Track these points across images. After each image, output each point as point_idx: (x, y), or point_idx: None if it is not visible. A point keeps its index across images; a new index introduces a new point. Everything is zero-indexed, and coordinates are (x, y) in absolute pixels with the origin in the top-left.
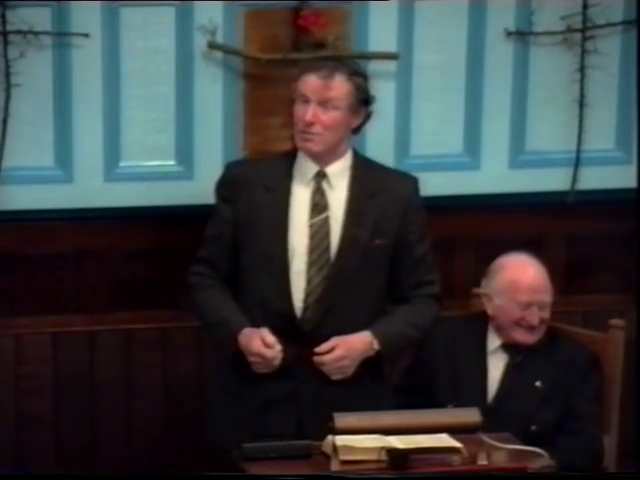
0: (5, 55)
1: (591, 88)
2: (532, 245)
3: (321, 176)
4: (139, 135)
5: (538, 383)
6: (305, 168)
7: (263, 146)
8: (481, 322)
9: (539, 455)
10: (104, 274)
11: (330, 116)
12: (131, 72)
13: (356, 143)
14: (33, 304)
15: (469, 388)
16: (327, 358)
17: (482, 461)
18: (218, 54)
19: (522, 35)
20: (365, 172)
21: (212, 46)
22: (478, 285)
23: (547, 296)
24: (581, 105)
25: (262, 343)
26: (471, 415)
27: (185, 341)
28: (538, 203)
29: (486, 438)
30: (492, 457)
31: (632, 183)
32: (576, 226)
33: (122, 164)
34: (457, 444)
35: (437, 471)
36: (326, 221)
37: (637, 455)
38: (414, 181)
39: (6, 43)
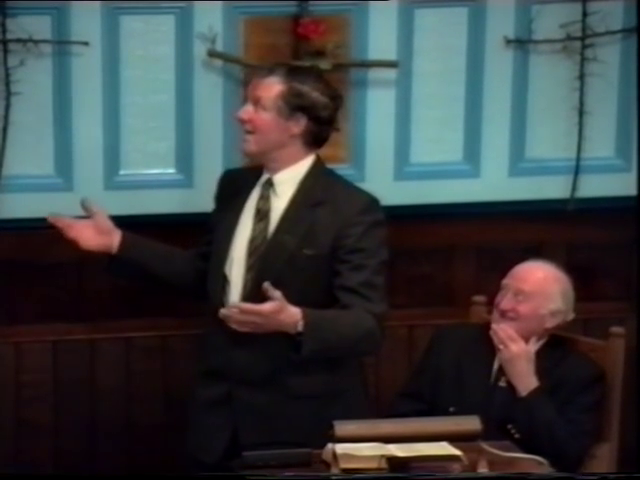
0: (5, 63)
1: (591, 96)
2: (532, 252)
3: (269, 184)
4: (139, 143)
5: None
6: (262, 177)
7: None
8: (489, 332)
9: (539, 463)
10: (104, 282)
11: (259, 116)
12: (131, 80)
13: (356, 150)
14: (33, 312)
15: (472, 393)
16: (249, 306)
17: (482, 469)
18: (218, 62)
19: (522, 43)
20: (316, 183)
21: (212, 54)
22: (478, 293)
23: (528, 288)
24: (581, 113)
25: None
26: (471, 423)
27: (184, 348)
28: (538, 211)
29: (486, 446)
30: (492, 465)
31: (632, 191)
32: (576, 234)
33: (122, 172)
34: (457, 452)
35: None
36: (265, 228)
37: (638, 461)
38: (369, 200)
39: (6, 51)
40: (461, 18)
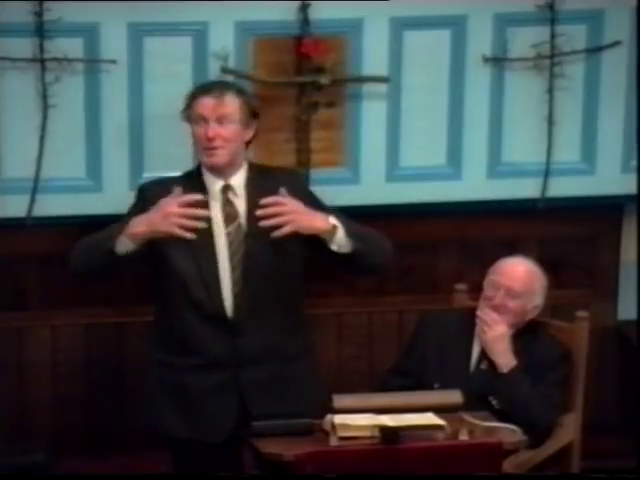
0: (42, 79)
1: (558, 107)
2: (507, 246)
3: (227, 189)
4: (160, 149)
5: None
6: (211, 184)
7: (269, 159)
8: (470, 317)
9: (513, 431)
10: (129, 272)
11: (228, 130)
12: (153, 94)
13: (351, 155)
14: (67, 299)
15: (454, 371)
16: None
17: (463, 437)
18: (230, 78)
19: (498, 61)
20: (259, 176)
21: (225, 71)
22: (460, 281)
23: (519, 287)
24: (550, 122)
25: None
26: (453, 396)
27: None
28: (512, 209)
29: (467, 416)
30: (472, 433)
31: (595, 191)
32: (546, 229)
33: (145, 175)
34: (441, 422)
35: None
36: (239, 227)
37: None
38: (299, 174)
39: (43, 69)
40: (444, 39)
